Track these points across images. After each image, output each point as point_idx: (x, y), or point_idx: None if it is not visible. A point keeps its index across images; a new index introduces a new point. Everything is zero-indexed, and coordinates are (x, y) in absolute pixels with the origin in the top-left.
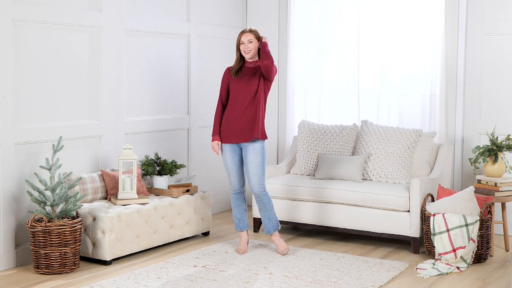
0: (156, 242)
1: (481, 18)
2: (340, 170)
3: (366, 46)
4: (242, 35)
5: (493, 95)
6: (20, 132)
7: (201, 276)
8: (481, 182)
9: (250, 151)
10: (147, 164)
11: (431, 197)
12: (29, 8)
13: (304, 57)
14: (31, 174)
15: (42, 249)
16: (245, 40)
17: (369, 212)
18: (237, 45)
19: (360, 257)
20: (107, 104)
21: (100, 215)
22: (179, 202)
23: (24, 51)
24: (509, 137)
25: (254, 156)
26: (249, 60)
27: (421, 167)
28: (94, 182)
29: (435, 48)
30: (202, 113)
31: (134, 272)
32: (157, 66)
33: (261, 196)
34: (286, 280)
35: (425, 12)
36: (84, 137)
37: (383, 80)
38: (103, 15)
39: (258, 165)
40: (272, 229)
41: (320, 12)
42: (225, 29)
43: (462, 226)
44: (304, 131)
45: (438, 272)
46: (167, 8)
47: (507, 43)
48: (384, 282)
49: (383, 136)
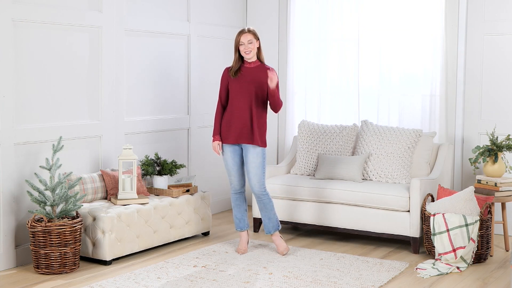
0: (156, 242)
1: (481, 18)
2: (340, 170)
3: (366, 46)
4: (241, 35)
5: (493, 95)
6: (20, 132)
7: (201, 276)
8: (481, 182)
9: (251, 151)
10: (147, 164)
11: (431, 197)
12: (29, 8)
13: (304, 57)
14: (31, 174)
15: (42, 249)
16: (245, 41)
17: (369, 212)
18: (236, 45)
19: (360, 257)
20: (107, 104)
21: (100, 215)
22: (179, 202)
23: (24, 51)
24: (509, 137)
25: (254, 156)
26: (249, 60)
27: (421, 167)
28: (94, 182)
29: (435, 48)
30: (202, 113)
31: (134, 272)
32: (157, 66)
33: (261, 196)
34: (286, 280)
35: (425, 12)
36: (84, 137)
37: (383, 80)
38: (103, 15)
39: (258, 165)
40: (272, 229)
41: (320, 12)
42: (225, 29)
43: (462, 226)
44: (304, 131)
45: (438, 272)
46: (167, 8)
47: (507, 43)
48: (384, 282)
49: (383, 136)
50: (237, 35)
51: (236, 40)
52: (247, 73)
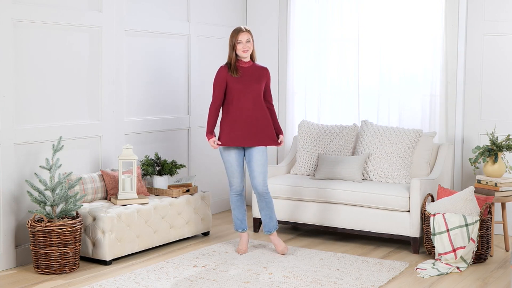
0: (156, 242)
1: (481, 18)
2: (340, 170)
3: (366, 46)
4: (239, 34)
5: (493, 95)
6: (20, 132)
7: (201, 276)
8: (481, 182)
9: (257, 150)
10: (147, 164)
11: (431, 197)
12: (29, 8)
13: (304, 57)
14: (31, 174)
15: (42, 249)
16: (244, 40)
17: (369, 212)
18: (233, 44)
19: (360, 257)
20: (107, 104)
21: (100, 215)
22: (179, 202)
23: (24, 51)
24: (509, 137)
25: (260, 154)
26: (245, 60)
27: (421, 167)
28: (94, 182)
29: (435, 48)
30: (202, 113)
31: (134, 272)
32: (157, 66)
33: (264, 195)
34: (286, 280)
35: (425, 12)
36: (84, 137)
37: (383, 80)
38: (103, 15)
39: (263, 163)
40: (272, 229)
41: (320, 12)
42: (225, 29)
43: (462, 226)
44: (304, 131)
45: (438, 272)
46: (167, 8)
47: (507, 43)
48: (384, 282)
49: (383, 136)
50: (234, 34)
51: (233, 38)
52: (246, 72)
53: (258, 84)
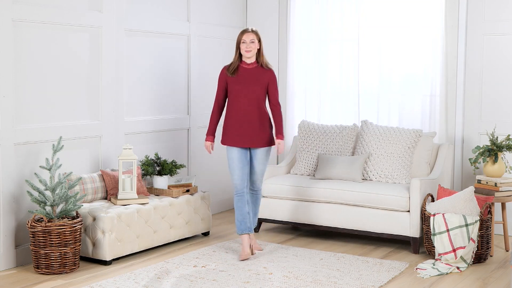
0: (156, 242)
1: (481, 18)
2: (340, 170)
3: (366, 46)
4: (244, 34)
5: (493, 95)
6: (20, 132)
7: (201, 276)
8: (481, 182)
9: (261, 150)
10: (147, 164)
11: (431, 197)
12: (29, 8)
13: (304, 57)
14: (31, 174)
15: (42, 249)
16: (247, 40)
17: (369, 212)
18: (238, 44)
19: (360, 257)
20: (107, 104)
21: (100, 215)
22: (179, 202)
23: (24, 51)
24: (509, 137)
25: (264, 154)
26: (248, 61)
27: (421, 167)
28: (94, 182)
29: (435, 48)
30: (202, 113)
31: (134, 272)
32: (157, 66)
33: (258, 191)
34: (286, 280)
35: (425, 12)
36: (84, 137)
37: (383, 80)
38: (103, 15)
39: (265, 162)
40: (254, 225)
41: (320, 12)
42: (225, 29)
43: (462, 226)
44: (304, 131)
45: (438, 272)
46: (167, 8)
47: (507, 43)
48: (384, 282)
49: (383, 136)
50: (240, 34)
51: (238, 39)
52: (246, 74)
53: (257, 86)
